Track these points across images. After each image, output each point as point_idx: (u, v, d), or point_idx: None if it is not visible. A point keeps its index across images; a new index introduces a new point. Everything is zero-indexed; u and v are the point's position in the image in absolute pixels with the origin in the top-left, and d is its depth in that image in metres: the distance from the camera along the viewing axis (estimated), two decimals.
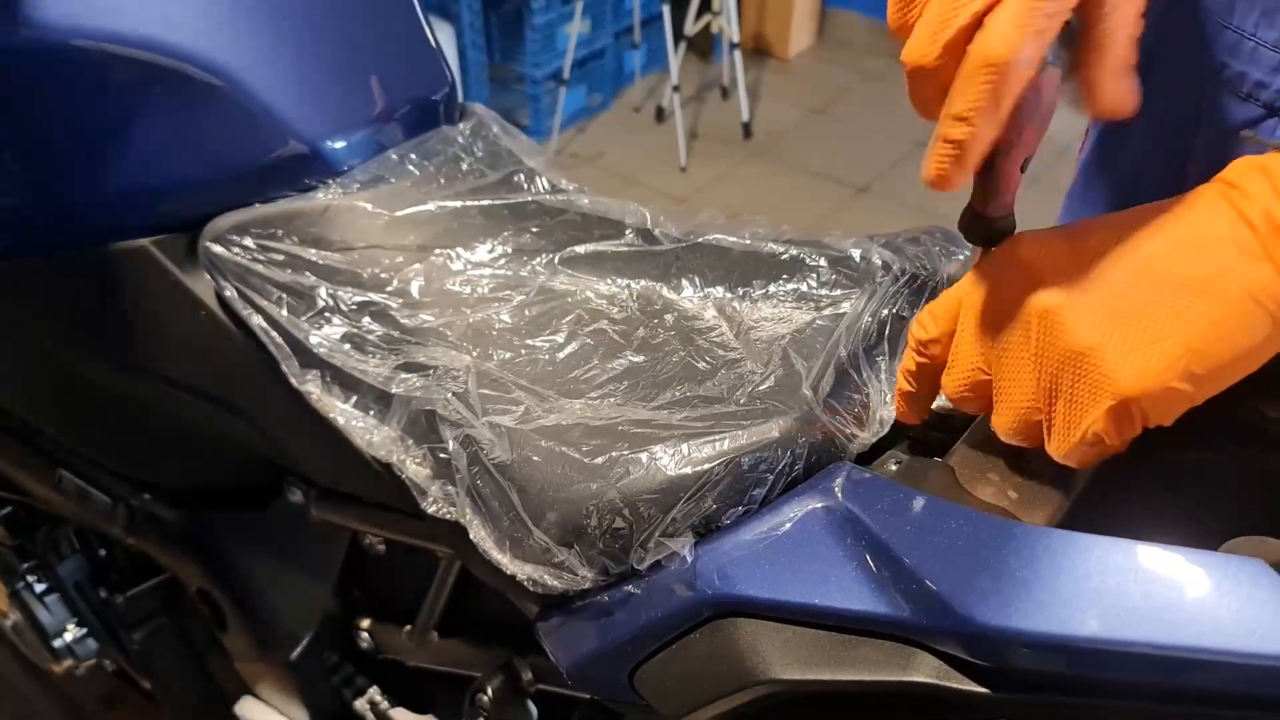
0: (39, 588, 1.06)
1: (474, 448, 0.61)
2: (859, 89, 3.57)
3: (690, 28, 3.19)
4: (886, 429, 0.61)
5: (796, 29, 3.71)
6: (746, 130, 3.23)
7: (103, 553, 1.09)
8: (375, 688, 0.96)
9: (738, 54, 3.18)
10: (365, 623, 0.93)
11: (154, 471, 0.94)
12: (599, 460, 0.57)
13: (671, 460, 0.55)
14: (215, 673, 1.05)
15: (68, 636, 1.07)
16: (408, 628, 0.88)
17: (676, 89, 3.13)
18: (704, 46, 3.57)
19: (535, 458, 0.58)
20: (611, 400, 0.62)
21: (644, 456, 0.56)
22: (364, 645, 0.94)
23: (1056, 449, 0.47)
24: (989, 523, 0.47)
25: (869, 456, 0.61)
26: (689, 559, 0.54)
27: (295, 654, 0.92)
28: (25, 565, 1.07)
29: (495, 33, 3.08)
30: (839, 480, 0.54)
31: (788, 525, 0.53)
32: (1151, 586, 0.41)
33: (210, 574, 0.96)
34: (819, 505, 0.53)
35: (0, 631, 1.16)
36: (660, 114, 3.32)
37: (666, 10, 3.07)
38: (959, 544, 0.46)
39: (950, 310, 0.51)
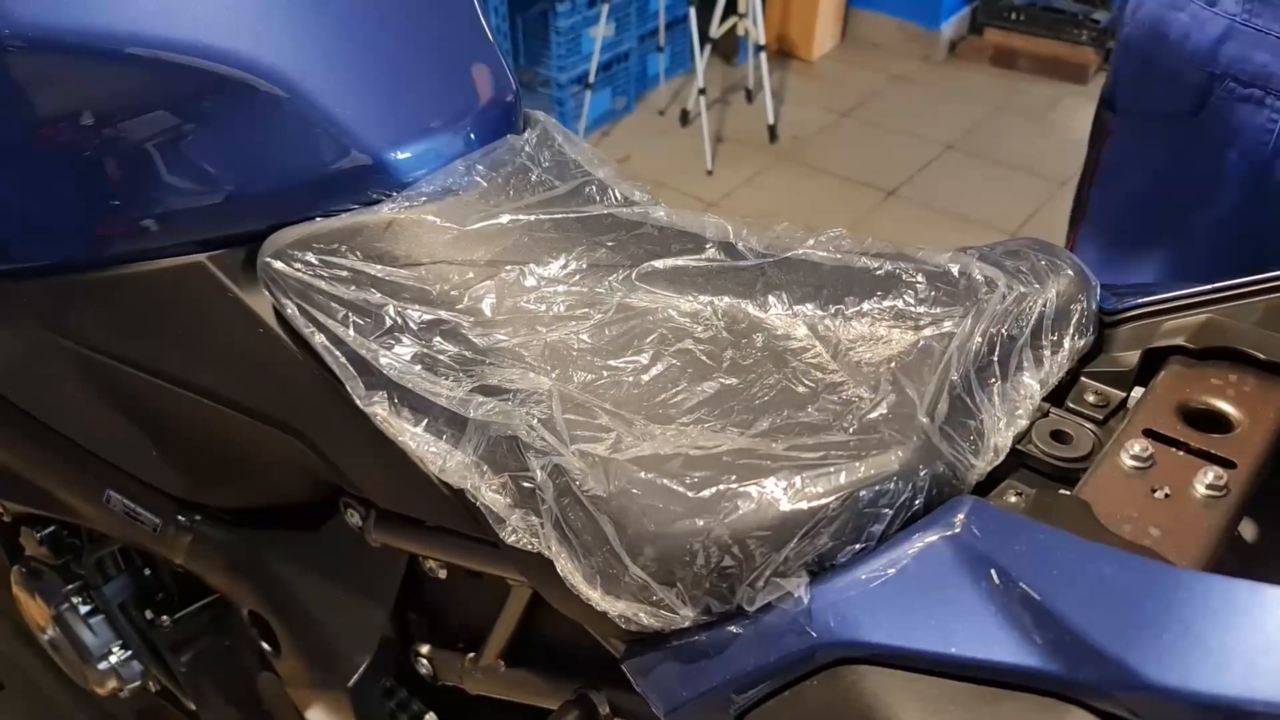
0: (83, 609, 1.03)
1: (563, 478, 0.57)
2: (885, 91, 3.54)
3: (715, 30, 3.16)
4: (1002, 457, 0.57)
5: (821, 31, 3.68)
6: (772, 133, 3.20)
7: (148, 573, 1.06)
8: (432, 715, 0.93)
9: (763, 56, 3.15)
10: (424, 649, 0.90)
11: (206, 492, 0.91)
12: (705, 494, 0.53)
13: (785, 495, 0.52)
14: (265, 697, 1.02)
15: (113, 659, 1.04)
16: (470, 655, 0.85)
17: (702, 92, 3.11)
18: (729, 49, 3.54)
19: (634, 490, 0.55)
20: (705, 426, 0.59)
21: (754, 490, 0.52)
22: (423, 671, 0.91)
23: None
24: (1148, 568, 0.43)
25: (983, 487, 0.57)
26: (805, 600, 0.51)
27: (352, 680, 0.89)
28: (69, 586, 1.04)
29: (521, 36, 3.06)
30: (962, 515, 0.50)
31: (911, 565, 0.50)
32: None
33: (262, 596, 0.93)
34: (945, 543, 0.49)
35: (35, 643, 1.14)
36: (685, 117, 3.29)
37: (692, 13, 3.04)
38: (1115, 590, 0.43)
39: None
